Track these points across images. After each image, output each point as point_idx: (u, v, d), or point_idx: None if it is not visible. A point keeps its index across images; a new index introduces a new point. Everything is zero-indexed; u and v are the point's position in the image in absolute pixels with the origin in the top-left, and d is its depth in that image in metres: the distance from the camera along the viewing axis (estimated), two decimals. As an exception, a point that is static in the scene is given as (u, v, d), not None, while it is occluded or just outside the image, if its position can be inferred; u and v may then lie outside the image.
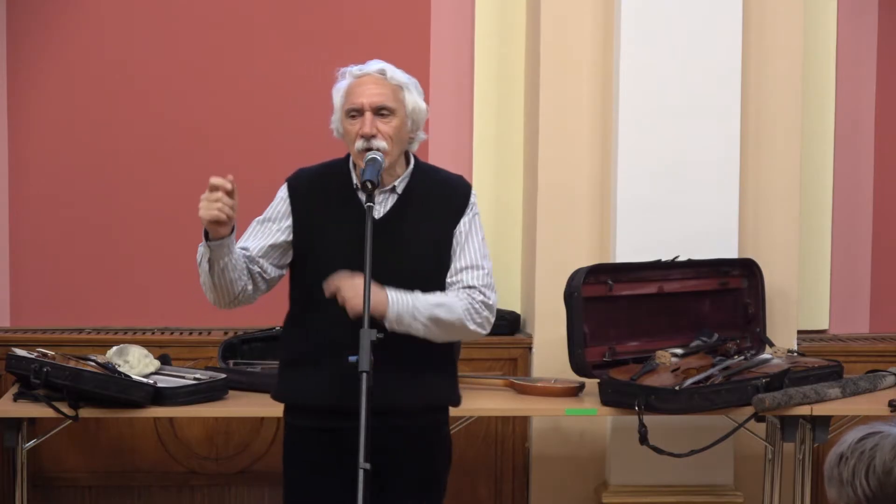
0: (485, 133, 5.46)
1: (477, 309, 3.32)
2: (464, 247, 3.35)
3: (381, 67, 3.36)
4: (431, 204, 3.37)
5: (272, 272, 3.42)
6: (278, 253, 3.42)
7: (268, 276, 3.41)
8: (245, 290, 3.36)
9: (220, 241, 3.25)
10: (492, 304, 3.36)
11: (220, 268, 3.29)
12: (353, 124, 3.33)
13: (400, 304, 3.25)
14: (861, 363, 5.12)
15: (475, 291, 3.32)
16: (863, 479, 2.02)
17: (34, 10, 5.35)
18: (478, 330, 3.35)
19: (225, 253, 3.27)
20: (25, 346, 4.49)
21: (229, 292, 3.34)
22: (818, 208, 5.56)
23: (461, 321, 3.30)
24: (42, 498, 5.16)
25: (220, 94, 5.42)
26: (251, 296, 3.40)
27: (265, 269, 3.41)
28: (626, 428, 4.81)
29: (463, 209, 3.38)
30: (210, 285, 3.32)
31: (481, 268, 3.35)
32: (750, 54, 5.09)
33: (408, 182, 3.38)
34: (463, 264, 3.34)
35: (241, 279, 3.34)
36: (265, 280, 3.42)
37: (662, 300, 4.82)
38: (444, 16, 5.44)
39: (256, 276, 3.39)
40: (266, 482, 5.24)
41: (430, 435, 3.43)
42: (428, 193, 3.38)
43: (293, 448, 3.46)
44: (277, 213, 3.43)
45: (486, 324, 3.36)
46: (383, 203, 3.36)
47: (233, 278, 3.31)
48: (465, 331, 3.34)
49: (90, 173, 5.40)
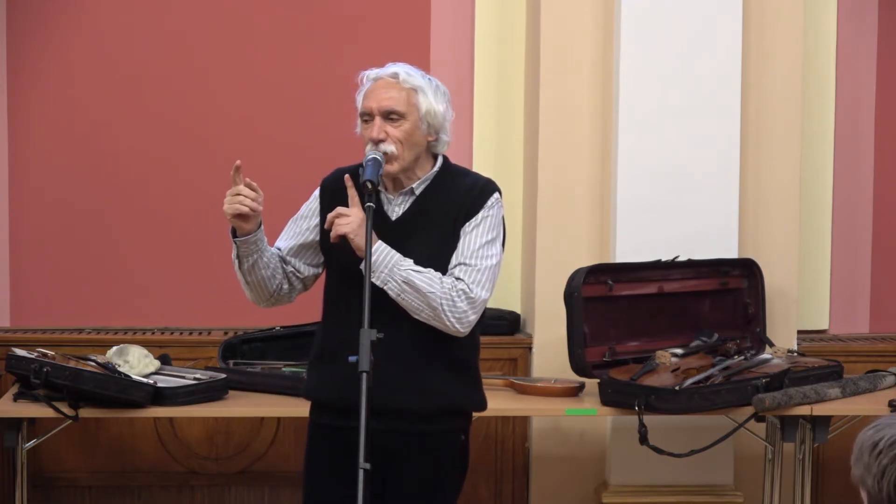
0: (485, 133, 5.46)
1: (455, 296, 3.24)
2: (463, 244, 3.33)
3: (395, 71, 3.34)
4: (448, 207, 3.33)
5: (306, 271, 3.45)
6: (310, 252, 3.44)
7: (302, 276, 3.44)
8: (281, 289, 3.41)
9: (246, 237, 3.29)
10: (474, 297, 3.26)
11: (249, 265, 3.33)
12: (366, 128, 3.33)
13: (381, 254, 3.23)
14: (861, 363, 5.12)
15: (461, 282, 3.28)
16: (891, 485, 2.03)
17: (34, 10, 5.35)
18: (453, 321, 3.25)
19: (253, 251, 3.31)
20: (25, 346, 4.49)
21: (264, 290, 3.39)
22: (818, 208, 5.56)
23: (437, 300, 3.23)
24: (42, 498, 5.16)
25: (219, 95, 5.42)
26: (288, 294, 3.45)
27: (298, 268, 3.44)
28: (626, 428, 4.81)
29: (475, 211, 3.33)
30: (244, 283, 3.39)
31: (474, 265, 3.30)
32: (750, 54, 5.09)
33: (428, 185, 3.36)
34: (458, 260, 3.32)
35: (274, 277, 3.38)
36: (300, 279, 3.45)
37: (662, 300, 4.82)
38: (444, 16, 5.45)
39: (291, 276, 3.43)
40: (266, 482, 5.24)
41: (440, 442, 3.37)
42: (447, 196, 3.35)
43: (311, 445, 3.46)
44: (308, 212, 3.46)
45: (463, 318, 3.26)
46: (402, 205, 3.35)
47: (265, 276, 3.36)
48: (438, 315, 3.24)
49: (90, 173, 5.40)
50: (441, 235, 3.33)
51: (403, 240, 3.30)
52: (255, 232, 3.30)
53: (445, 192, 3.35)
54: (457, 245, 3.32)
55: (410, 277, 3.23)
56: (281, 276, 3.40)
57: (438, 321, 3.26)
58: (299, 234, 3.44)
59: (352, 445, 2.98)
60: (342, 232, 3.24)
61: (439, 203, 3.35)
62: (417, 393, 3.31)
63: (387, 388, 3.16)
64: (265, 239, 3.36)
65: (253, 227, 3.29)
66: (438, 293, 3.24)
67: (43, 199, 5.39)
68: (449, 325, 3.26)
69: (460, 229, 3.32)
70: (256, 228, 3.30)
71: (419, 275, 3.24)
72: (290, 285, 3.44)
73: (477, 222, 3.33)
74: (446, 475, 3.42)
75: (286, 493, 5.23)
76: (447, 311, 3.25)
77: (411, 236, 3.32)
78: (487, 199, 3.35)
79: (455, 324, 3.27)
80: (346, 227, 3.23)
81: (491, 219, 3.34)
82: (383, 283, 3.23)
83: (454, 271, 3.29)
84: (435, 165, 3.39)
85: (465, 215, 3.33)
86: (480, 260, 3.30)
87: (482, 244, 3.32)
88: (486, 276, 3.30)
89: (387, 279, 3.23)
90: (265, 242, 3.35)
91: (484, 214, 3.33)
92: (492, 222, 3.34)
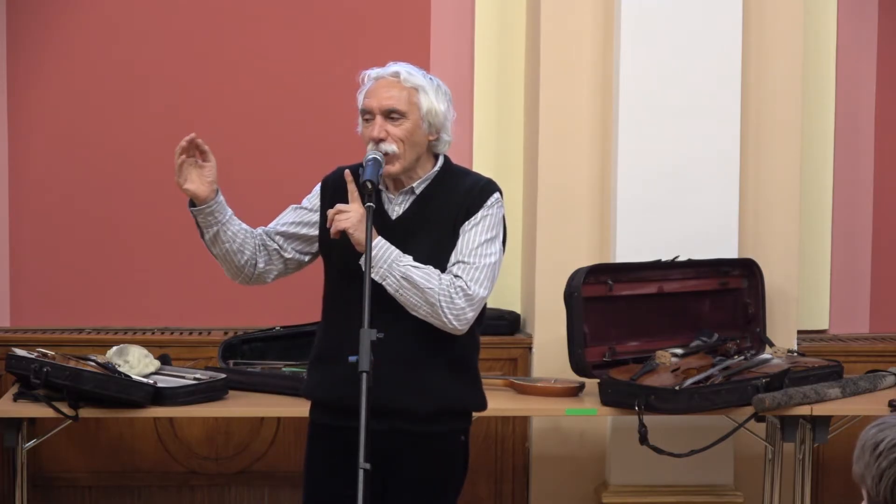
0: (485, 133, 5.46)
1: (454, 293, 3.24)
2: (462, 242, 3.33)
3: (396, 70, 3.34)
4: (448, 207, 3.33)
5: (290, 253, 3.44)
6: (302, 242, 3.44)
7: (285, 255, 3.43)
8: (254, 265, 3.40)
9: (202, 208, 3.30)
10: (472, 294, 3.26)
11: (210, 236, 3.34)
12: (367, 128, 3.33)
13: (380, 249, 3.23)
14: (861, 363, 5.12)
15: (459, 280, 3.28)
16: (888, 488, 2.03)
17: (34, 10, 5.35)
18: (451, 318, 3.25)
19: (212, 222, 3.32)
20: (25, 346, 4.49)
21: (232, 263, 3.38)
22: (818, 208, 5.56)
23: (435, 296, 3.23)
24: (42, 498, 5.16)
25: (220, 94, 5.42)
26: (264, 273, 3.43)
27: (283, 246, 3.43)
28: (626, 428, 4.81)
29: (475, 210, 3.33)
30: (214, 255, 3.39)
31: (472, 263, 3.29)
32: (750, 54, 5.09)
33: (428, 184, 3.36)
34: (457, 258, 3.32)
35: (243, 252, 3.37)
36: (281, 258, 3.43)
37: (662, 300, 4.82)
38: (444, 16, 5.44)
39: (272, 252, 3.42)
40: (266, 482, 5.24)
41: (440, 442, 3.37)
42: (447, 196, 3.35)
43: (312, 445, 3.46)
44: (309, 205, 3.45)
45: (461, 316, 3.26)
46: (402, 204, 3.35)
47: (230, 250, 3.36)
48: (436, 311, 3.24)
49: (90, 173, 5.40)
50: (441, 235, 3.33)
51: (403, 239, 3.30)
52: (210, 203, 3.30)
53: (446, 192, 3.35)
54: (456, 243, 3.32)
55: (409, 273, 3.24)
56: (252, 251, 3.38)
57: (436, 318, 3.26)
58: (296, 224, 3.44)
59: (352, 445, 2.98)
60: (342, 227, 3.24)
61: (440, 203, 3.34)
62: (418, 393, 3.31)
63: (387, 389, 3.16)
64: (227, 212, 3.35)
65: (207, 194, 3.29)
66: (436, 289, 3.24)
67: (43, 198, 5.39)
68: (447, 321, 3.26)
69: (460, 228, 3.32)
70: (213, 197, 3.30)
71: (418, 271, 3.25)
72: (269, 262, 3.42)
73: (476, 221, 3.32)
74: (447, 476, 3.42)
75: (286, 493, 5.23)
76: (445, 307, 3.25)
77: (411, 235, 3.31)
78: (487, 198, 3.35)
79: (453, 321, 3.26)
80: (345, 222, 3.24)
81: (491, 218, 3.34)
82: (382, 279, 3.23)
83: (453, 269, 3.29)
84: (436, 165, 3.38)
85: (464, 214, 3.33)
86: (479, 258, 3.30)
87: (481, 242, 3.31)
88: (484, 274, 3.30)
89: (385, 274, 3.24)
90: (227, 215, 3.34)
91: (484, 213, 3.33)
92: (491, 221, 3.34)
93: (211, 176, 3.32)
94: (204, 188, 3.31)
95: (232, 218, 3.37)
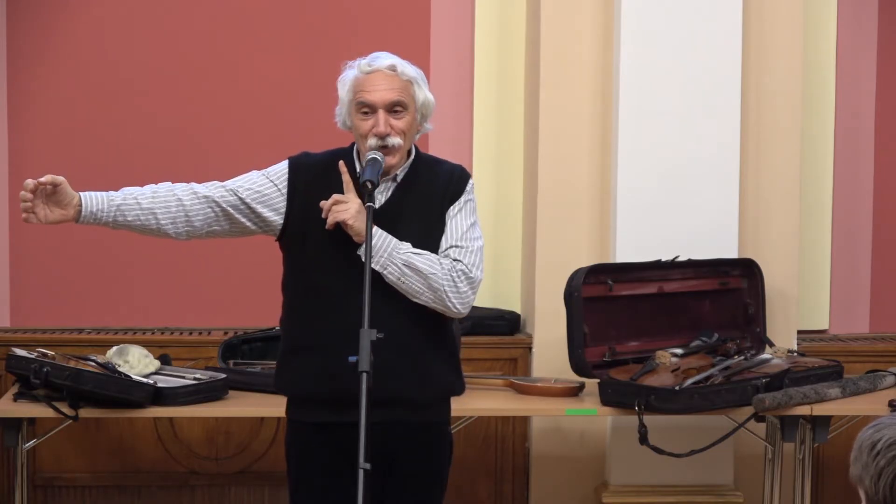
0: (485, 133, 5.46)
1: (456, 277, 3.28)
2: (451, 228, 3.35)
3: (392, 63, 3.34)
4: (429, 192, 3.37)
5: (221, 223, 3.39)
6: (243, 218, 3.38)
7: (216, 210, 3.37)
8: (175, 225, 3.37)
9: (84, 219, 3.32)
10: (473, 277, 3.31)
11: (116, 227, 3.38)
12: (365, 121, 3.32)
13: (379, 238, 3.24)
14: (861, 363, 5.12)
15: (459, 264, 3.31)
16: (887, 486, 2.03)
17: (34, 10, 5.35)
18: (455, 302, 3.29)
19: (106, 220, 3.34)
20: (25, 346, 4.49)
21: (149, 232, 3.40)
22: (818, 208, 5.56)
23: (439, 281, 3.26)
24: (42, 498, 5.17)
25: (219, 95, 5.42)
26: (205, 231, 3.40)
27: (221, 204, 3.37)
28: (626, 428, 4.81)
29: (458, 195, 3.38)
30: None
31: (466, 247, 3.34)
32: (750, 54, 5.09)
33: (407, 171, 3.38)
34: (449, 243, 3.34)
35: (150, 222, 3.36)
36: (212, 210, 3.37)
37: (662, 300, 4.82)
38: (444, 16, 5.45)
39: (221, 213, 3.37)
40: (266, 482, 5.24)
41: (432, 429, 3.40)
42: (427, 182, 3.38)
43: (294, 444, 3.44)
44: (274, 190, 3.39)
45: (465, 299, 3.30)
46: (384, 192, 3.36)
47: (142, 224, 3.37)
48: (440, 296, 3.27)
49: (90, 173, 5.39)
50: (427, 219, 3.36)
51: (390, 225, 3.31)
52: (86, 216, 3.30)
53: (425, 178, 3.39)
54: (443, 229, 3.35)
55: (411, 260, 3.26)
56: (156, 221, 3.36)
57: (440, 303, 3.29)
58: (259, 199, 3.38)
59: (341, 444, 2.98)
60: (340, 219, 3.24)
61: (421, 188, 3.38)
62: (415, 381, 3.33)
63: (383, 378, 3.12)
64: (111, 208, 3.34)
65: (73, 212, 3.30)
66: (440, 275, 3.27)
67: (43, 199, 5.39)
68: (451, 305, 3.30)
69: (446, 213, 3.35)
70: (77, 209, 3.30)
71: (419, 257, 3.28)
72: (214, 222, 3.37)
73: (461, 205, 3.39)
74: (442, 464, 3.46)
75: (286, 493, 5.21)
76: (449, 292, 3.29)
77: (397, 222, 3.33)
78: (466, 184, 3.42)
79: (457, 304, 3.31)
80: (344, 213, 3.24)
81: (471, 203, 3.42)
82: (383, 268, 3.24)
83: (449, 253, 3.33)
84: (410, 153, 3.41)
85: (449, 199, 3.38)
86: (471, 241, 3.36)
87: (469, 226, 3.38)
88: (479, 257, 3.36)
89: (386, 263, 3.25)
90: (117, 208, 3.34)
91: (465, 198, 3.40)
92: (472, 206, 3.42)
93: (66, 196, 3.30)
94: (70, 210, 3.31)
95: (121, 206, 3.34)
